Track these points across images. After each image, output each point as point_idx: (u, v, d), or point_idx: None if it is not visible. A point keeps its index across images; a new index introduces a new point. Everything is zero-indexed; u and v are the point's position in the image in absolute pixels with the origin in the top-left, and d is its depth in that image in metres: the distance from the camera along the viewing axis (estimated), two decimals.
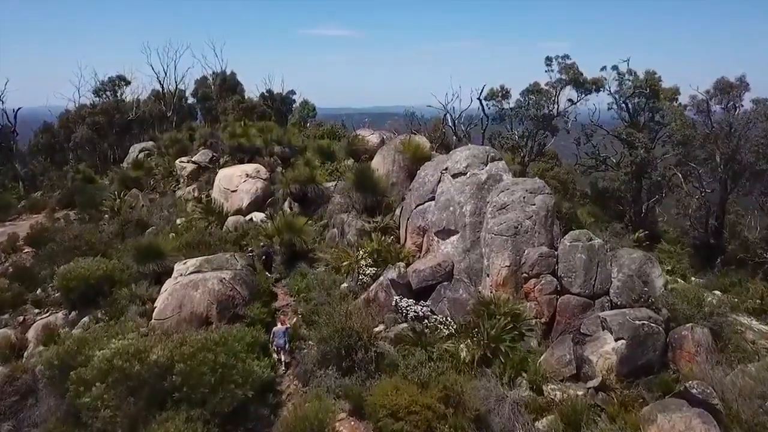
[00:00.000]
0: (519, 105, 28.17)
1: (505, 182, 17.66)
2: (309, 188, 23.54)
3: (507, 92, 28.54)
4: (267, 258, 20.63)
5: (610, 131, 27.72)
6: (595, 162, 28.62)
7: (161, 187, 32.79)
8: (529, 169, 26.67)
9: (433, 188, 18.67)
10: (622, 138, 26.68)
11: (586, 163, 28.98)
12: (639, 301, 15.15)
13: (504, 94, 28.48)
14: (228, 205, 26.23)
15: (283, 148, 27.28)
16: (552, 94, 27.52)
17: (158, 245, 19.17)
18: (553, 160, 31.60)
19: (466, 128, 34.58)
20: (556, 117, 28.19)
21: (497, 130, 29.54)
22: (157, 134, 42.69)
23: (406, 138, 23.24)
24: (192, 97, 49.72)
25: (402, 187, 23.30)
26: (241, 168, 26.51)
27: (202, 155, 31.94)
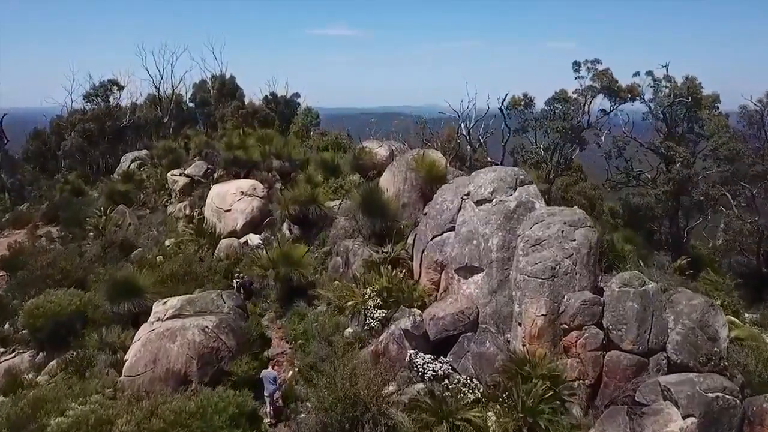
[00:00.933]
0: (544, 115, 25.51)
1: (539, 212, 15.00)
2: (310, 209, 20.98)
3: (530, 101, 25.89)
4: (245, 290, 18.29)
5: (644, 144, 24.98)
6: (626, 177, 25.89)
7: (152, 202, 30.39)
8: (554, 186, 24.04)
9: (452, 217, 16.05)
10: (660, 152, 23.97)
11: (617, 178, 26.25)
12: (707, 364, 12.49)
13: (527, 102, 25.82)
14: (221, 225, 23.72)
15: (283, 162, 24.76)
16: (581, 102, 24.84)
17: (135, 281, 16.65)
18: (578, 173, 28.90)
19: (481, 137, 31.97)
20: (586, 129, 25.51)
21: (519, 143, 26.92)
22: (153, 142, 40.38)
23: (418, 154, 20.63)
24: (190, 102, 47.35)
25: (414, 208, 20.71)
26: (235, 185, 23.98)
27: (196, 168, 29.48)
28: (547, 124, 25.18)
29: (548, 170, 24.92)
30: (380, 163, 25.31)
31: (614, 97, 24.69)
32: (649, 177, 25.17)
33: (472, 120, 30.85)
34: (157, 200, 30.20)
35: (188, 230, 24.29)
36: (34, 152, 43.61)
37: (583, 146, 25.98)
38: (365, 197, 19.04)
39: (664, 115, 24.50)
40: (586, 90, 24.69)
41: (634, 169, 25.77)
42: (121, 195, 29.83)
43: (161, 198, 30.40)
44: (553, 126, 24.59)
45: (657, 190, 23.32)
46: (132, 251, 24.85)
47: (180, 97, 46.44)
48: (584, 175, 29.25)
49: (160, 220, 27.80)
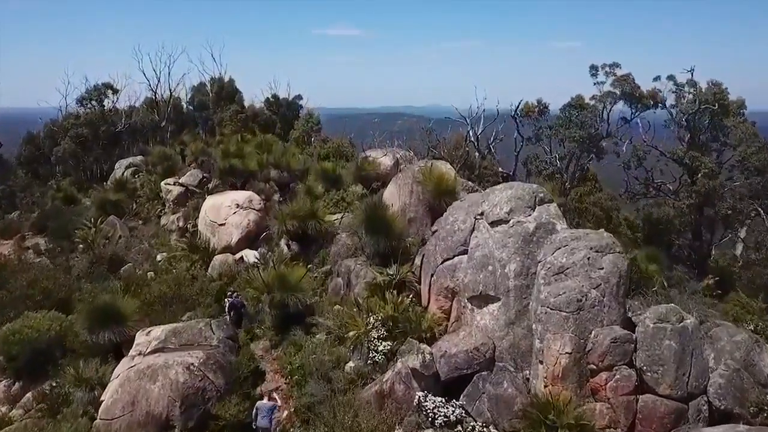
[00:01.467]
0: (560, 123, 24.00)
1: (561, 235, 13.52)
2: (309, 225, 19.53)
3: (545, 107, 24.38)
4: (236, 312, 16.86)
5: (666, 153, 23.44)
6: (645, 188, 24.35)
7: (145, 212, 29.01)
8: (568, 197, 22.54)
9: (464, 239, 14.57)
10: (684, 162, 22.45)
11: (635, 189, 24.72)
12: (758, 415, 11.00)
13: (541, 109, 24.32)
14: (215, 240, 22.32)
15: (281, 172, 23.33)
16: (599, 109, 23.32)
17: (117, 307, 15.22)
18: (592, 182, 27.40)
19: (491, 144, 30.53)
20: (605, 138, 23.99)
21: (533, 152, 25.43)
22: (149, 147, 39.04)
23: (425, 166, 19.15)
24: (189, 105, 46.01)
25: (421, 224, 19.25)
26: (230, 197, 22.57)
27: (191, 176, 28.08)
28: (562, 132, 23.68)
29: (563, 181, 23.44)
30: (384, 173, 23.89)
31: (636, 104, 23.19)
32: (671, 188, 23.65)
33: (480, 124, 29.41)
34: (151, 210, 28.82)
35: (181, 245, 22.89)
36: (27, 157, 42.29)
37: (600, 156, 24.49)
38: (369, 213, 17.60)
39: (687, 123, 23.00)
40: (604, 96, 23.19)
41: (655, 180, 24.25)
42: (113, 205, 28.42)
43: (155, 208, 29.02)
44: (569, 134, 23.10)
45: (681, 203, 21.79)
46: (121, 266, 23.52)
47: (178, 101, 45.12)
48: (599, 185, 27.75)
49: (152, 232, 26.44)
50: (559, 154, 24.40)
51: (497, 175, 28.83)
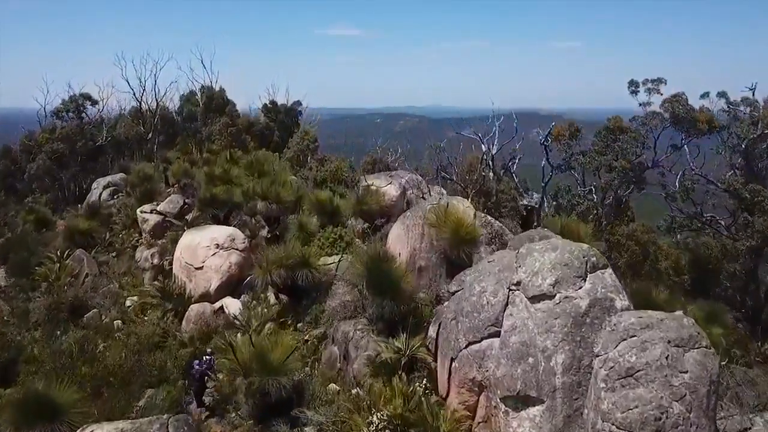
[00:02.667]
0: (595, 149, 20.72)
1: (625, 320, 10.24)
2: (300, 274, 16.29)
3: (577, 130, 21.13)
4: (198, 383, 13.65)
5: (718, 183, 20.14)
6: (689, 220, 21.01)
7: (120, 242, 25.78)
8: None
9: (496, 317, 11.32)
10: (743, 196, 19.18)
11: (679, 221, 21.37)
12: None
13: (572, 132, 21.06)
14: (191, 286, 19.10)
15: (270, 204, 20.08)
16: (641, 134, 20.04)
17: (52, 399, 11.97)
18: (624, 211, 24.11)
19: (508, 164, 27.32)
20: (650, 168, 20.71)
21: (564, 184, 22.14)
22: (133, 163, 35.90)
23: (439, 207, 15.91)
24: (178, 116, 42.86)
25: (435, 274, 16.09)
26: (209, 235, 19.33)
27: (170, 203, 24.85)
28: (597, 159, 20.42)
29: (599, 217, 20.18)
30: (389, 204, 20.71)
31: (688, 129, 19.87)
32: (722, 223, 20.38)
33: (495, 141, 26.16)
34: (126, 240, 25.61)
35: (153, 289, 19.67)
36: (3, 171, 39.17)
37: (642, 187, 21.25)
38: (371, 267, 14.36)
39: (745, 149, 19.73)
40: (649, 117, 19.89)
41: (704, 214, 20.93)
42: (82, 235, 25.19)
43: (131, 237, 25.80)
44: (605, 162, 19.82)
45: (739, 243, 18.54)
46: (85, 312, 20.37)
47: (166, 111, 41.94)
48: (631, 212, 24.46)
49: (125, 269, 23.22)
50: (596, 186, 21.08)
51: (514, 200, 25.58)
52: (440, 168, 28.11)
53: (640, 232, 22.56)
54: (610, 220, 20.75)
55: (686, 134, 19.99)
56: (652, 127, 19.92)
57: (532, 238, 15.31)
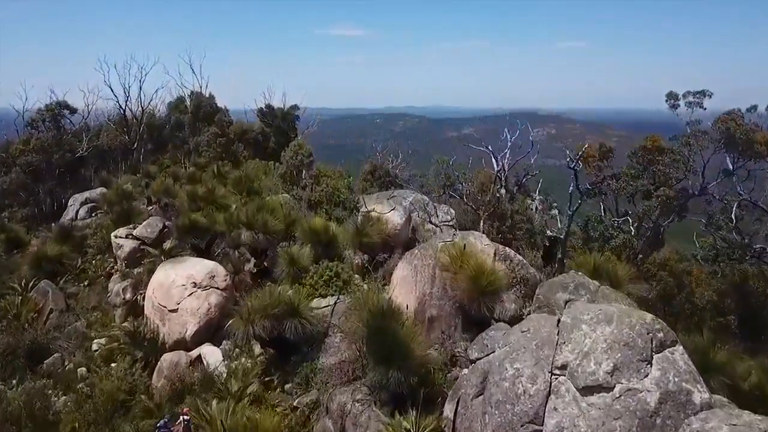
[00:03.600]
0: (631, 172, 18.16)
1: (712, 426, 7.70)
2: (288, 325, 13.74)
3: (609, 150, 18.55)
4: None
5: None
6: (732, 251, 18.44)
7: (93, 269, 23.20)
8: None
9: (535, 410, 8.78)
10: None
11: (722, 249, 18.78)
12: None
13: (605, 153, 18.48)
14: (165, 330, 16.58)
15: (256, 234, 17.54)
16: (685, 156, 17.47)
17: None
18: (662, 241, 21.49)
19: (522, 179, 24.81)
20: (697, 196, 18.12)
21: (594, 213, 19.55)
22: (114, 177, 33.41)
23: (455, 247, 13.39)
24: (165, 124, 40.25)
25: (449, 326, 13.62)
26: (185, 271, 16.78)
27: (148, 227, 22.27)
28: (633, 184, 17.88)
29: (635, 251, 17.61)
30: (393, 233, 18.17)
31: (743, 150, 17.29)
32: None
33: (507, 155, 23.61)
34: (99, 267, 23.03)
35: (122, 333, 17.14)
36: None
37: (683, 215, 18.72)
38: (373, 328, 11.83)
39: None
40: (693, 136, 17.32)
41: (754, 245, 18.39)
42: (51, 262, 22.61)
43: (105, 263, 23.23)
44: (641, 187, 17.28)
45: None
46: (46, 356, 17.90)
47: (153, 119, 39.36)
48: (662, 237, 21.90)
49: (95, 302, 20.69)
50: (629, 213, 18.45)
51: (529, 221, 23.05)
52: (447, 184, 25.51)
53: (673, 260, 20.04)
54: (646, 254, 18.22)
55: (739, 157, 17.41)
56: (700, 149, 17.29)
57: (565, 286, 12.81)
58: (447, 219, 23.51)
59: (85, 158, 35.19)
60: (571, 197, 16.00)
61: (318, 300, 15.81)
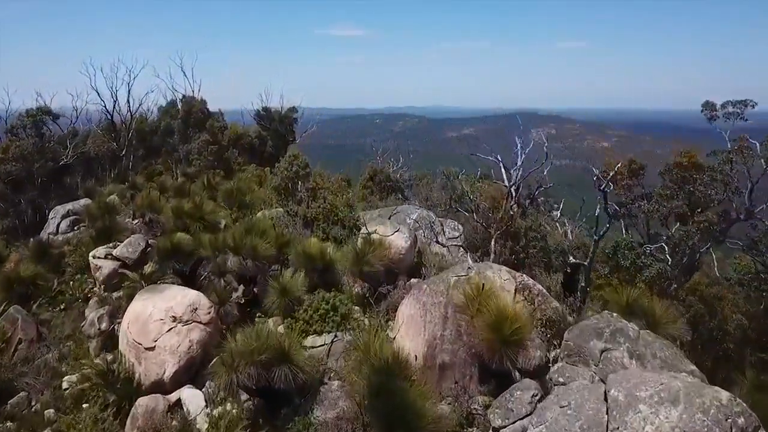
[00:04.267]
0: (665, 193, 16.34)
1: None
2: (278, 373, 11.92)
3: (640, 168, 16.73)
4: None
5: None
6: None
7: (71, 291, 21.37)
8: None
9: None
10: None
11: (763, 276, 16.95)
12: None
13: (635, 170, 16.63)
14: (141, 370, 14.72)
15: (244, 260, 15.73)
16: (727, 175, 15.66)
17: None
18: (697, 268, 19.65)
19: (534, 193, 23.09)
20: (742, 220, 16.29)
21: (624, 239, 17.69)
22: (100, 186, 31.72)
23: (471, 284, 11.59)
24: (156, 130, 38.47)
25: (463, 376, 11.82)
26: (164, 302, 14.95)
27: (129, 246, 20.45)
28: (666, 206, 16.08)
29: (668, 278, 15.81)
30: (397, 258, 16.34)
31: None
32: None
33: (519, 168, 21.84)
34: (77, 289, 21.20)
35: (92, 371, 15.28)
36: None
37: (721, 240, 16.93)
38: (376, 386, 10.02)
39: None
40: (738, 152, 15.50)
41: None
42: (25, 284, 20.77)
43: (83, 285, 21.41)
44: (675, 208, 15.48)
45: None
46: (11, 396, 16.07)
47: (144, 124, 37.61)
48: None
49: (69, 331, 18.86)
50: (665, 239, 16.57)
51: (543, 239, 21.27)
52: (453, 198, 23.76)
53: (704, 284, 18.23)
54: (680, 283, 16.41)
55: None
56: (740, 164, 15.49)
57: (599, 332, 11.03)
58: (454, 235, 21.75)
59: (70, 166, 33.46)
60: (598, 220, 14.23)
61: (313, 338, 14.03)
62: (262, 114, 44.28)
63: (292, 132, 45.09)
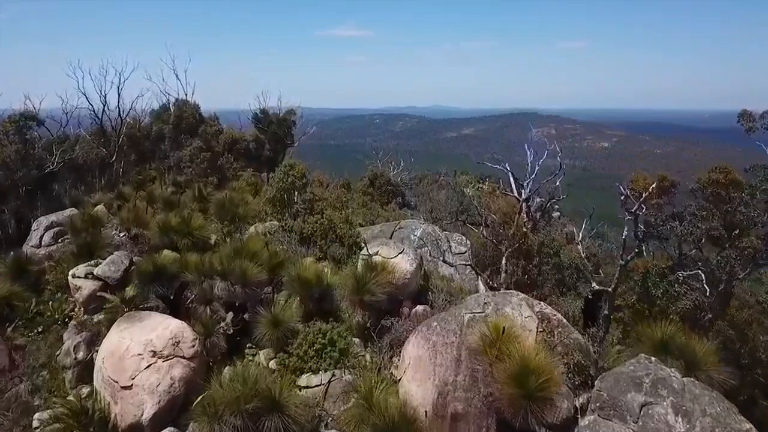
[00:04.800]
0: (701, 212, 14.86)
1: None
2: (267, 424, 10.47)
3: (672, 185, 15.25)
4: None
5: None
6: None
7: (50, 312, 19.90)
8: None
9: None
10: None
11: None
12: None
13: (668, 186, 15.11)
14: (117, 410, 13.26)
15: (232, 287, 14.26)
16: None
17: None
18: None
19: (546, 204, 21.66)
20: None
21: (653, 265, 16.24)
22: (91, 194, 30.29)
23: (488, 325, 10.12)
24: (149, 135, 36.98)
25: (479, 428, 10.35)
26: (142, 335, 13.48)
27: (112, 265, 18.95)
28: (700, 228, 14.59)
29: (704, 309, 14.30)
30: (402, 284, 14.85)
31: None
32: None
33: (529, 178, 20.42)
34: (58, 310, 19.73)
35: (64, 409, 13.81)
36: None
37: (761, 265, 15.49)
38: None
39: None
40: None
41: None
42: (0, 304, 19.28)
43: (64, 305, 19.94)
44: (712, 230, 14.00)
45: None
46: None
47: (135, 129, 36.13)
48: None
49: (44, 359, 17.39)
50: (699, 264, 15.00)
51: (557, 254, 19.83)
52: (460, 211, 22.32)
53: (734, 308, 16.79)
54: (715, 313, 14.90)
55: None
56: None
57: (638, 382, 9.59)
58: (461, 251, 20.31)
59: (57, 173, 31.96)
60: (625, 243, 12.75)
61: (308, 376, 12.57)
62: (259, 117, 42.93)
63: (291, 135, 43.74)
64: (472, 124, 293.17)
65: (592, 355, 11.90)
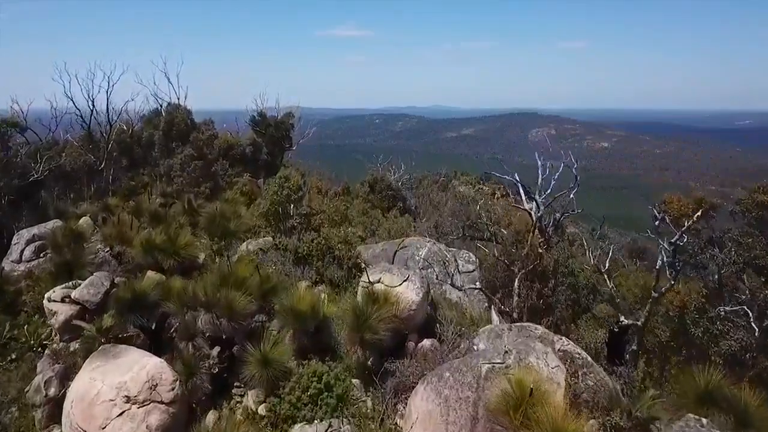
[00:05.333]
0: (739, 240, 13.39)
1: None
2: None
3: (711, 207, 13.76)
4: None
5: None
6: None
7: (25, 337, 18.45)
8: None
9: None
10: None
11: None
12: None
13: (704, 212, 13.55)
14: None
15: (217, 320, 12.77)
16: None
17: None
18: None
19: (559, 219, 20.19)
20: None
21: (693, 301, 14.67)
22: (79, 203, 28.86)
23: (511, 381, 8.65)
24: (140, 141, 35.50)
25: None
26: (115, 376, 11.99)
27: (91, 287, 17.40)
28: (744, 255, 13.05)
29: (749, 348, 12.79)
30: (407, 316, 13.36)
31: None
32: None
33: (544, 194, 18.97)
34: (33, 334, 18.28)
35: None
36: None
37: None
38: None
39: None
40: None
41: None
42: None
43: (41, 329, 18.49)
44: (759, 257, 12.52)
45: None
46: None
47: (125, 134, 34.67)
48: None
49: (13, 394, 15.89)
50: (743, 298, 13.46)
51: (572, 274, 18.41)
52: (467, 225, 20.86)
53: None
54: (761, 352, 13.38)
55: None
56: None
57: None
58: (469, 269, 18.85)
59: (43, 182, 30.50)
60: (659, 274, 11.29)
61: (301, 427, 11.10)
62: (257, 119, 41.56)
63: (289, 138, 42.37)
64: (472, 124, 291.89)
65: (623, 401, 10.46)
